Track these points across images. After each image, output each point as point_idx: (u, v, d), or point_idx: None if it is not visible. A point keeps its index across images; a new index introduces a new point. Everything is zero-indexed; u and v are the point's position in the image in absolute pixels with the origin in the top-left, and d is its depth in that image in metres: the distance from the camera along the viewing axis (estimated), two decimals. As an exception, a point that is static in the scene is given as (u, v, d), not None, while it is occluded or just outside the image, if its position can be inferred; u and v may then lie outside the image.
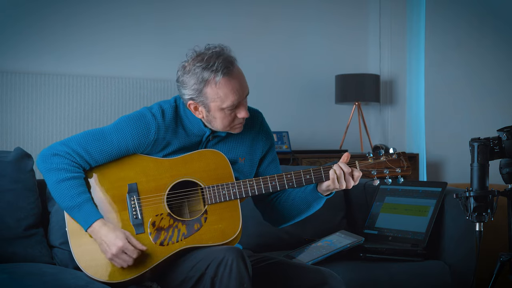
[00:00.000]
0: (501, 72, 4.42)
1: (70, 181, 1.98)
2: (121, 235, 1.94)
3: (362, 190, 3.05)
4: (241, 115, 2.04)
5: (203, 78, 1.99)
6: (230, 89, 2.00)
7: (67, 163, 2.00)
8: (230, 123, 2.05)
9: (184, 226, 2.01)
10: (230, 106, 2.01)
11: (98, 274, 1.98)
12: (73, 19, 3.88)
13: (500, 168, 2.14)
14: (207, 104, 2.02)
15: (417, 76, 4.71)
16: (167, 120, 2.07)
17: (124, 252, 1.94)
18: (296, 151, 4.11)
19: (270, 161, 2.23)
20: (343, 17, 4.74)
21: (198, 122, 2.09)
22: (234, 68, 2.01)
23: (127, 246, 1.93)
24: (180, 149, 2.09)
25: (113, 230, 1.96)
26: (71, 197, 1.97)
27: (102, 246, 1.96)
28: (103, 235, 1.95)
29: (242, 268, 1.85)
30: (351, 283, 2.35)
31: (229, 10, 4.31)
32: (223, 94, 1.99)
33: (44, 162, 2.03)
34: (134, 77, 3.99)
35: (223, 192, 2.03)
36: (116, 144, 2.03)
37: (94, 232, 1.97)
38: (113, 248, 1.93)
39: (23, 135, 3.70)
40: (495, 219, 2.09)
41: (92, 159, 2.02)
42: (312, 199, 2.13)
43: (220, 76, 1.98)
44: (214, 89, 1.99)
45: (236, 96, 2.00)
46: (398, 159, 2.10)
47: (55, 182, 1.99)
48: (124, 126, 2.04)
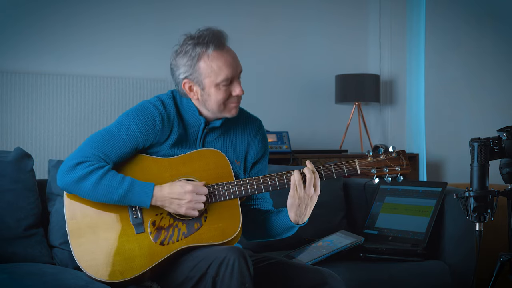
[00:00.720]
0: (501, 72, 4.43)
1: (105, 177, 1.97)
2: (183, 182, 1.97)
3: (362, 190, 3.05)
4: (235, 92, 2.05)
5: (196, 53, 2.01)
6: (223, 62, 2.01)
7: (91, 164, 1.98)
8: (224, 101, 2.05)
9: (184, 225, 2.01)
10: (224, 80, 2.01)
11: (99, 274, 1.97)
12: (73, 19, 3.88)
13: (500, 168, 2.14)
14: (201, 81, 2.03)
15: (417, 76, 4.71)
16: (168, 109, 2.08)
17: (196, 193, 1.96)
18: (296, 151, 4.11)
19: (259, 169, 2.22)
20: (343, 17, 4.74)
21: (194, 111, 2.09)
22: (225, 43, 2.04)
23: (196, 187, 1.96)
24: (179, 142, 2.09)
25: (173, 185, 1.97)
26: (117, 188, 1.96)
27: (173, 204, 1.97)
28: (168, 193, 1.96)
29: (244, 268, 1.85)
30: (351, 283, 2.35)
31: (229, 10, 4.31)
32: (216, 67, 2.01)
33: (67, 175, 1.98)
34: (134, 77, 3.99)
35: (223, 191, 2.03)
36: (126, 140, 2.02)
37: (159, 199, 1.97)
38: (187, 195, 1.95)
39: (23, 135, 3.70)
40: (495, 219, 2.09)
41: (109, 159, 2.01)
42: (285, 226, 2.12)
43: (212, 48, 2.01)
44: (207, 62, 2.01)
45: (230, 69, 2.02)
46: (397, 157, 2.09)
47: (93, 186, 1.96)
48: (129, 120, 2.04)
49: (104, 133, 2.04)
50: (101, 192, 1.96)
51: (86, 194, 1.98)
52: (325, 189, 2.99)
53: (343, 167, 2.06)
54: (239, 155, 2.17)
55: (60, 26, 3.85)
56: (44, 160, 3.65)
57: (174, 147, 2.08)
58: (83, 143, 2.04)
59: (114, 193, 1.96)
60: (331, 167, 2.06)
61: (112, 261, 1.98)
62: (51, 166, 2.51)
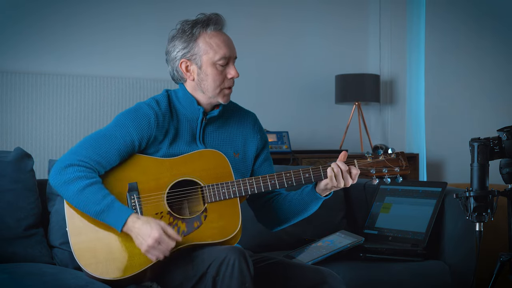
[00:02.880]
0: (500, 73, 4.43)
1: (90, 187, 1.96)
2: (157, 226, 1.92)
3: (362, 190, 3.05)
4: (231, 75, 2.07)
5: (194, 33, 2.06)
6: (222, 40, 2.06)
7: (82, 170, 1.98)
8: (220, 83, 2.07)
9: (184, 224, 2.01)
10: (222, 58, 2.04)
11: (98, 272, 1.97)
12: (73, 19, 3.88)
13: (500, 168, 2.14)
14: (199, 59, 2.06)
15: (417, 76, 4.71)
16: (163, 108, 2.08)
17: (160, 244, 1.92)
18: (296, 151, 4.11)
19: (263, 159, 2.23)
20: (343, 18, 4.74)
21: (191, 100, 2.11)
22: (223, 27, 2.09)
23: (162, 237, 1.91)
24: (178, 139, 2.09)
25: (147, 222, 1.94)
26: (97, 202, 1.95)
27: (138, 239, 1.95)
28: (137, 228, 1.94)
29: (244, 268, 1.85)
30: (351, 283, 2.35)
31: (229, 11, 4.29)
32: (215, 44, 2.05)
33: (58, 175, 1.99)
34: (134, 77, 3.99)
35: (222, 190, 2.04)
36: (121, 139, 2.03)
37: (129, 229, 1.95)
38: (149, 240, 1.91)
39: (23, 135, 3.70)
40: (495, 219, 2.09)
41: (105, 160, 2.01)
42: (310, 199, 2.14)
43: (211, 28, 2.06)
44: (206, 39, 2.06)
45: (227, 49, 2.05)
46: (396, 158, 2.10)
47: (76, 192, 1.96)
48: (124, 120, 2.05)
49: (100, 134, 2.05)
50: (81, 202, 1.96)
51: (68, 199, 1.99)
52: (325, 189, 2.99)
53: (343, 167, 2.07)
54: (238, 148, 2.18)
55: (60, 26, 3.85)
56: (44, 160, 3.65)
57: (174, 144, 2.09)
58: (78, 144, 2.04)
59: (91, 207, 1.96)
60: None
61: (112, 259, 1.98)
62: (51, 166, 2.51)
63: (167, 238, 1.92)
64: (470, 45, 4.54)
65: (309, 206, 2.16)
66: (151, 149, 2.08)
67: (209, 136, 2.14)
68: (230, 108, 2.21)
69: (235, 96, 2.19)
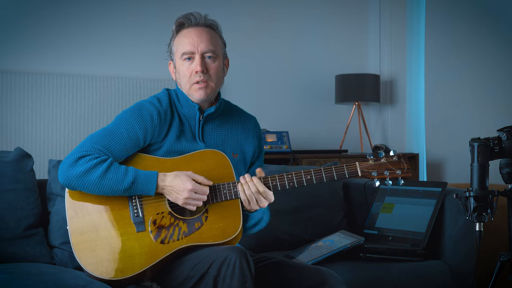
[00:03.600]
0: (501, 72, 4.43)
1: (110, 169, 1.98)
2: (186, 178, 1.98)
3: (362, 190, 3.05)
4: (193, 69, 2.09)
5: (173, 34, 2.15)
6: (186, 37, 2.12)
7: (94, 157, 1.99)
8: (189, 78, 2.10)
9: (185, 224, 2.02)
10: (184, 53, 2.09)
11: (99, 272, 1.97)
12: (73, 19, 3.88)
13: (500, 168, 2.14)
14: (174, 58, 2.14)
15: (417, 76, 4.71)
16: (164, 105, 2.11)
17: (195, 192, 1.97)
18: (296, 151, 4.11)
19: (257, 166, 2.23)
20: (343, 18, 4.74)
21: (186, 99, 2.13)
22: (198, 23, 2.13)
23: (196, 186, 1.97)
24: (180, 135, 2.11)
25: (176, 176, 1.99)
26: (122, 179, 1.97)
27: (172, 195, 1.99)
28: (169, 186, 1.98)
29: (245, 268, 1.85)
30: (351, 283, 2.35)
31: (229, 10, 4.31)
32: (181, 42, 2.12)
33: (70, 170, 1.98)
34: (134, 77, 3.99)
35: (224, 191, 2.04)
36: (126, 135, 2.04)
37: (161, 188, 1.99)
38: (185, 193, 1.96)
39: (23, 135, 3.70)
40: (495, 219, 2.09)
41: (111, 154, 2.02)
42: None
43: (186, 26, 2.13)
44: (178, 38, 2.14)
45: (190, 44, 2.10)
46: (398, 161, 2.10)
47: (98, 179, 1.97)
48: (128, 117, 2.07)
49: (104, 130, 2.06)
50: (107, 185, 1.97)
51: (91, 188, 1.98)
52: (325, 189, 3.00)
53: (344, 170, 2.07)
54: (237, 148, 2.19)
55: (60, 26, 3.85)
56: (44, 160, 3.65)
57: (176, 142, 2.10)
58: (83, 140, 2.05)
59: (120, 185, 1.98)
60: (332, 169, 2.07)
61: (112, 259, 1.98)
62: (51, 166, 2.51)
63: (199, 186, 1.98)
64: (470, 44, 4.54)
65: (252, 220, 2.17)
66: (154, 146, 2.09)
67: (208, 135, 2.15)
68: (232, 109, 2.22)
69: (235, 95, 2.20)
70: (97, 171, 1.97)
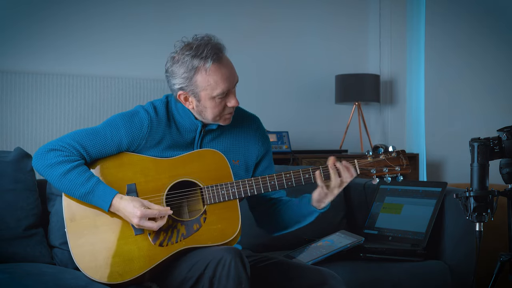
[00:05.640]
0: (501, 72, 4.42)
1: (74, 170, 1.98)
2: (138, 204, 1.95)
3: (362, 190, 3.05)
4: (231, 104, 2.04)
5: (193, 66, 1.99)
6: (220, 76, 2.00)
7: (65, 155, 2.00)
8: (220, 112, 2.05)
9: (183, 226, 2.01)
10: (221, 94, 2.01)
11: (98, 275, 1.97)
12: (73, 19, 3.88)
13: (500, 168, 2.14)
14: (197, 93, 2.02)
15: (417, 76, 4.71)
16: (160, 115, 2.08)
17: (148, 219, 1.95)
18: (296, 151, 4.11)
19: (265, 167, 2.23)
20: (343, 18, 4.74)
21: (189, 115, 2.09)
22: (223, 55, 2.02)
23: (147, 213, 1.94)
24: (173, 145, 2.08)
25: (130, 201, 1.96)
26: (81, 185, 1.97)
27: (126, 218, 1.98)
28: (123, 208, 1.96)
29: (240, 268, 1.85)
30: (351, 283, 2.35)
31: (229, 10, 4.31)
32: (213, 82, 2.00)
33: (41, 159, 2.01)
34: (134, 77, 3.99)
35: (222, 192, 2.03)
36: (109, 139, 2.03)
37: (116, 209, 1.98)
38: (134, 218, 1.94)
39: (23, 135, 3.70)
40: (495, 219, 2.09)
41: (87, 153, 2.02)
42: (307, 212, 2.15)
43: (210, 63, 1.98)
44: (204, 76, 1.99)
45: (226, 84, 2.01)
46: (397, 157, 2.09)
47: (60, 176, 1.98)
48: (118, 122, 2.05)
49: (89, 130, 2.06)
50: (65, 185, 1.98)
51: (52, 182, 2.01)
52: (325, 189, 2.99)
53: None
54: (238, 155, 2.16)
55: (60, 26, 3.85)
56: (44, 160, 3.65)
57: (169, 150, 2.08)
58: (66, 134, 2.06)
59: (76, 190, 1.98)
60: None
61: (111, 263, 1.98)
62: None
63: (151, 212, 1.94)
64: (471, 44, 4.54)
65: (305, 218, 2.17)
66: (142, 152, 2.07)
67: (208, 145, 2.13)
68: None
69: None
70: (61, 168, 1.98)
